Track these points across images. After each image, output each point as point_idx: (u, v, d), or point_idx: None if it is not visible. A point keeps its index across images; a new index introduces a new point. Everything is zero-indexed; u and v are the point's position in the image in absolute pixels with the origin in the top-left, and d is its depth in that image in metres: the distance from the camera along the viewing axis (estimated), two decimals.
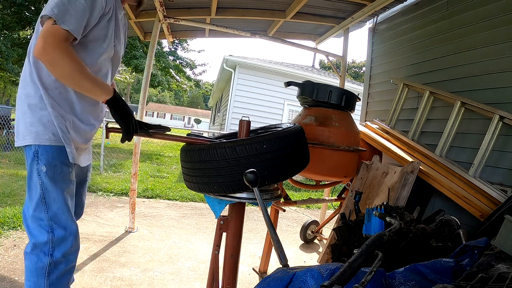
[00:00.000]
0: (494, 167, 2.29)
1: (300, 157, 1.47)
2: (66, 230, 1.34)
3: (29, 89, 1.29)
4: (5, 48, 11.92)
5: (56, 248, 1.31)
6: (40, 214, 1.30)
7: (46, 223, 1.30)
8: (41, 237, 1.29)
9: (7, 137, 7.65)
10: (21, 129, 1.30)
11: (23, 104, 1.29)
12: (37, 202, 1.30)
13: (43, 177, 1.29)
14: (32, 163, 1.29)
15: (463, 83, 2.66)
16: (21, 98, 1.31)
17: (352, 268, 0.67)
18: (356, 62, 32.07)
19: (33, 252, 1.30)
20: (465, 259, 1.17)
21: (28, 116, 1.28)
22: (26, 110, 1.28)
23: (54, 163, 1.31)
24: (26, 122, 1.28)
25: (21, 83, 1.32)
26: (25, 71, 1.31)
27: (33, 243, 1.30)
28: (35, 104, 1.28)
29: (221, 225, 1.50)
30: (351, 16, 3.61)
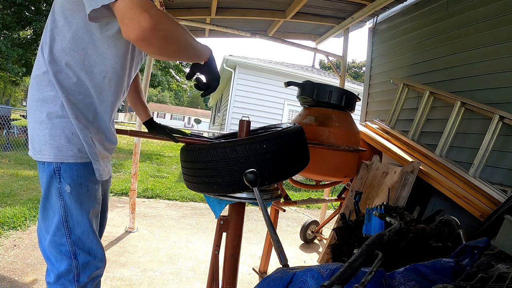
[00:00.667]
0: (494, 167, 2.29)
1: (300, 157, 1.47)
2: (90, 254, 1.20)
3: (46, 94, 1.10)
4: (5, 48, 11.92)
5: (81, 274, 1.18)
6: (61, 239, 1.13)
7: (68, 248, 1.15)
8: (63, 265, 1.14)
9: (7, 137, 7.65)
10: (37, 141, 1.11)
11: (39, 112, 1.10)
12: (58, 225, 1.13)
13: (66, 198, 1.12)
14: (51, 181, 1.11)
15: (463, 83, 2.66)
16: (36, 103, 1.11)
17: (352, 268, 0.67)
18: (356, 62, 32.07)
19: (58, 283, 1.16)
20: (465, 259, 1.17)
21: (47, 127, 1.09)
22: (44, 119, 1.09)
23: (79, 181, 1.14)
24: (45, 133, 1.09)
25: (34, 86, 1.13)
26: (38, 73, 1.13)
27: (56, 274, 1.14)
28: (55, 112, 1.09)
29: (221, 225, 1.50)
30: (351, 16, 3.61)
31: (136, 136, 1.83)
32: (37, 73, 1.13)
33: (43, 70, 1.11)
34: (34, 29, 14.15)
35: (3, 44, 11.94)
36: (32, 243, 2.64)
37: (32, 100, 1.12)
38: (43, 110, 1.10)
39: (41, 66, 1.12)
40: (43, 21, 12.63)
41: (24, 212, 3.21)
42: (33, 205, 3.49)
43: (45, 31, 1.13)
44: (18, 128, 8.58)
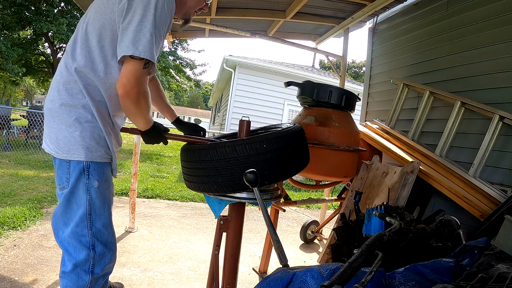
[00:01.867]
0: (494, 167, 2.29)
1: (300, 157, 1.47)
2: (106, 246, 1.32)
3: (77, 101, 1.24)
4: (5, 48, 11.93)
5: (97, 265, 1.29)
6: (83, 230, 1.25)
7: (88, 239, 1.26)
8: (81, 255, 1.25)
9: (7, 137, 7.65)
10: (64, 142, 1.23)
11: (68, 116, 1.23)
12: (81, 217, 1.25)
13: (92, 193, 1.25)
14: (80, 177, 1.24)
15: (463, 83, 2.66)
16: (63, 108, 1.23)
17: (352, 268, 0.67)
18: (356, 62, 32.06)
19: (74, 272, 1.26)
20: (465, 259, 1.17)
21: (77, 129, 1.23)
22: (73, 123, 1.23)
23: (104, 178, 1.30)
24: (75, 135, 1.22)
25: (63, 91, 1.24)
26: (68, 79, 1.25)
27: (74, 263, 1.25)
28: (85, 117, 1.24)
29: (221, 225, 1.50)
30: (351, 16, 3.61)
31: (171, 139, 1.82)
32: (67, 79, 1.25)
33: (72, 79, 1.24)
34: (34, 29, 14.15)
35: (3, 44, 11.94)
36: (32, 243, 2.64)
37: (59, 104, 1.25)
38: (72, 115, 1.23)
39: (71, 75, 1.25)
40: (43, 21, 12.63)
41: (24, 212, 3.21)
42: (33, 205, 3.49)
43: (74, 42, 1.26)
44: (18, 128, 8.58)
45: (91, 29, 1.24)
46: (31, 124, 7.91)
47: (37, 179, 4.91)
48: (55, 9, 13.70)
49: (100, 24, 1.22)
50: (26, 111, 8.47)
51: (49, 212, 3.47)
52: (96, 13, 1.24)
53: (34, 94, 44.69)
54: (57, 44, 16.65)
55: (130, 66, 1.14)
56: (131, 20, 1.13)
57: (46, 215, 3.36)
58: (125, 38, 1.13)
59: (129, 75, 1.13)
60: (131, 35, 1.12)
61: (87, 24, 1.25)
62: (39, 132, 8.08)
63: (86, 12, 1.32)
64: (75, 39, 1.27)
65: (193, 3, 1.45)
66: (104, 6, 1.22)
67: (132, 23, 1.13)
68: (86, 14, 1.31)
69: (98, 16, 1.23)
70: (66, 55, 1.28)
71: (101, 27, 1.22)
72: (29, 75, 18.77)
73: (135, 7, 1.13)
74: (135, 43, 1.11)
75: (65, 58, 1.28)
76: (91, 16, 1.26)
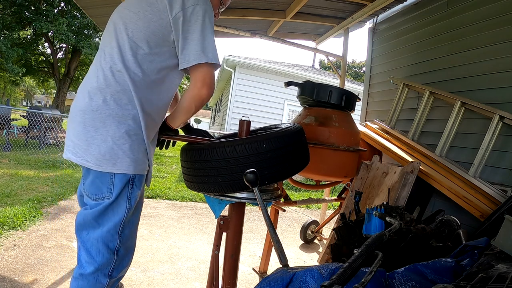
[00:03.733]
0: (494, 167, 2.29)
1: (300, 157, 1.47)
2: (127, 250, 1.32)
3: (126, 112, 1.21)
4: (5, 48, 11.93)
5: (116, 269, 1.28)
6: (114, 236, 1.25)
7: (115, 245, 1.26)
8: (104, 258, 1.24)
9: (7, 137, 7.65)
10: (111, 154, 1.19)
11: (116, 128, 1.19)
12: (115, 224, 1.24)
13: (132, 203, 1.26)
14: (125, 188, 1.23)
15: (463, 83, 2.66)
16: (112, 119, 1.19)
17: (352, 268, 0.67)
18: (356, 62, 32.05)
19: (93, 275, 1.23)
20: (465, 259, 1.17)
21: (127, 142, 1.21)
22: (123, 135, 1.20)
23: (142, 189, 1.35)
24: (124, 148, 1.20)
25: (110, 102, 1.20)
26: (116, 89, 1.21)
27: (96, 267, 1.23)
28: (133, 129, 1.22)
29: (221, 225, 1.50)
30: (351, 16, 3.61)
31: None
32: (115, 89, 1.21)
33: (121, 89, 1.21)
34: (34, 29, 14.15)
35: (3, 44, 11.94)
36: (32, 243, 2.64)
37: (106, 115, 1.20)
38: (122, 127, 1.20)
39: (120, 84, 1.22)
40: (43, 21, 12.63)
41: (24, 212, 3.21)
42: (33, 205, 3.49)
43: (120, 49, 1.23)
44: (18, 128, 8.58)
45: (139, 36, 1.23)
46: (31, 124, 7.91)
47: (37, 179, 4.91)
48: (55, 9, 13.71)
49: (149, 31, 1.23)
50: (26, 111, 8.47)
51: (49, 212, 3.47)
52: (140, 20, 1.23)
53: (34, 94, 44.68)
54: (57, 44, 16.66)
55: (204, 70, 1.23)
56: (193, 29, 1.21)
57: (46, 215, 3.36)
58: (192, 47, 1.21)
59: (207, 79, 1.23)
60: (199, 43, 1.21)
61: (133, 31, 1.23)
62: (39, 132, 8.08)
63: (118, 16, 1.30)
64: (118, 46, 1.23)
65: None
66: (149, 13, 1.23)
67: (195, 32, 1.21)
68: (122, 19, 1.27)
69: (145, 23, 1.23)
70: (109, 62, 1.23)
71: (152, 34, 1.23)
72: (29, 75, 18.78)
73: (192, 16, 1.21)
74: (204, 50, 1.21)
75: (109, 65, 1.22)
76: (132, 22, 1.24)
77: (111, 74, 1.21)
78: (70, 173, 5.66)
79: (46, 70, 18.43)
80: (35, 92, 43.55)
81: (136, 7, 1.26)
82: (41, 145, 7.75)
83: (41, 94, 45.25)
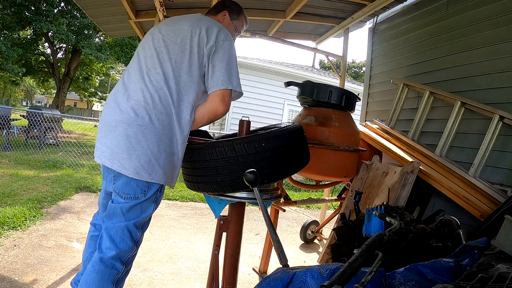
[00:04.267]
0: (494, 167, 2.29)
1: (300, 156, 1.47)
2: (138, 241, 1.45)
3: (165, 132, 1.36)
4: (5, 48, 11.92)
5: (132, 258, 1.42)
6: (138, 228, 1.41)
7: (138, 236, 1.41)
8: (126, 246, 1.37)
9: (7, 137, 7.65)
10: (149, 165, 1.33)
11: (155, 144, 1.33)
12: (141, 220, 1.40)
13: (158, 203, 1.46)
14: (154, 194, 1.40)
15: (463, 83, 2.66)
16: (153, 137, 1.33)
17: (352, 268, 0.67)
18: (356, 62, 32.03)
19: (112, 260, 1.35)
20: (465, 259, 1.16)
21: (162, 157, 1.35)
22: (160, 151, 1.34)
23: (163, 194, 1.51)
24: (160, 162, 1.35)
25: (154, 121, 1.34)
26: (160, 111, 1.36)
27: (117, 252, 1.35)
28: (169, 147, 1.37)
29: (221, 225, 1.50)
30: (351, 16, 3.61)
31: None
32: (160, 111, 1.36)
33: (165, 111, 1.37)
34: (34, 29, 14.15)
35: (3, 44, 11.94)
36: (32, 243, 2.64)
37: (150, 131, 1.33)
38: (161, 144, 1.35)
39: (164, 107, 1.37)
40: (43, 21, 12.62)
41: (24, 212, 3.21)
42: (33, 205, 3.49)
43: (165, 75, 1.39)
44: (18, 128, 8.58)
45: (182, 67, 1.40)
46: (31, 124, 7.91)
47: (37, 179, 4.91)
48: (55, 9, 13.69)
49: (190, 62, 1.41)
50: (26, 111, 8.47)
51: (49, 212, 3.47)
52: (182, 51, 1.41)
53: (34, 94, 44.67)
54: (57, 44, 16.65)
55: (227, 93, 1.41)
56: (222, 59, 1.40)
57: (46, 215, 3.36)
58: (220, 74, 1.39)
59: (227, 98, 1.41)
60: (226, 72, 1.40)
61: (176, 61, 1.41)
62: (39, 132, 8.08)
63: (160, 44, 1.45)
64: (163, 73, 1.39)
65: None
66: (189, 46, 1.41)
67: (223, 62, 1.40)
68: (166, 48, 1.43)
69: (186, 55, 1.41)
70: (157, 86, 1.37)
71: (191, 65, 1.41)
72: (29, 75, 18.76)
73: (222, 48, 1.41)
74: (230, 78, 1.40)
75: (156, 89, 1.37)
76: (175, 52, 1.42)
77: (158, 97, 1.36)
78: (70, 173, 5.66)
79: (46, 70, 18.41)
80: (35, 92, 43.54)
81: (176, 38, 1.44)
82: (41, 145, 7.75)
83: (41, 94, 45.24)
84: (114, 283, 1.35)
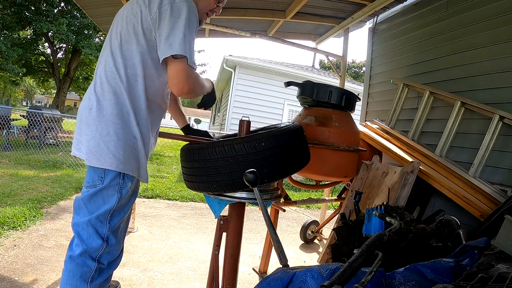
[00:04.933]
0: (494, 167, 2.29)
1: (300, 155, 1.47)
2: (117, 241, 1.38)
3: (115, 112, 1.29)
4: (5, 48, 11.92)
5: (104, 255, 1.34)
6: (102, 223, 1.32)
7: (104, 231, 1.33)
8: (94, 243, 1.31)
9: (7, 137, 7.65)
10: (97, 149, 1.28)
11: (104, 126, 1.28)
12: (105, 212, 1.32)
13: (123, 193, 1.33)
14: (116, 179, 1.31)
15: (463, 83, 2.66)
16: (101, 117, 1.28)
17: (352, 268, 0.67)
18: (356, 62, 32.03)
19: (81, 257, 1.31)
20: (465, 259, 1.16)
21: (112, 140, 1.28)
22: (110, 133, 1.28)
23: (136, 181, 1.40)
24: (110, 145, 1.29)
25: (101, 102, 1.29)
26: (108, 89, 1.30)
27: (84, 249, 1.30)
28: (122, 129, 1.29)
29: (221, 225, 1.50)
30: (351, 16, 3.61)
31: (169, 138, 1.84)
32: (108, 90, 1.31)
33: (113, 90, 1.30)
34: (34, 29, 14.15)
35: (3, 44, 11.93)
36: (32, 243, 2.64)
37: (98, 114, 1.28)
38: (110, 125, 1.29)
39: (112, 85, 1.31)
40: (43, 21, 12.62)
41: (24, 212, 3.21)
42: (33, 205, 3.49)
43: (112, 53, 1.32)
44: (18, 128, 8.58)
45: (127, 37, 1.31)
46: (31, 124, 7.91)
47: (37, 179, 4.91)
48: (55, 9, 13.69)
49: (133, 32, 1.30)
50: (26, 111, 8.47)
51: (49, 212, 3.47)
52: (128, 23, 1.32)
53: (34, 94, 44.68)
54: (57, 44, 16.65)
55: (175, 66, 1.24)
56: (164, 26, 1.25)
57: (46, 215, 3.36)
58: (161, 43, 1.25)
59: (178, 74, 1.24)
60: (168, 40, 1.24)
61: (121, 34, 1.32)
62: (39, 132, 8.08)
63: (116, 22, 1.38)
64: (111, 50, 1.32)
65: (203, 5, 1.49)
66: (134, 10, 1.30)
67: (166, 28, 1.24)
68: (115, 25, 1.37)
69: (129, 23, 1.31)
70: (104, 65, 1.32)
71: (136, 35, 1.30)
72: (29, 75, 18.77)
73: (165, 13, 1.25)
74: (171, 44, 1.22)
75: (104, 68, 1.32)
76: (122, 26, 1.33)
77: (105, 77, 1.31)
78: (70, 173, 5.66)
79: (46, 70, 18.42)
80: (35, 92, 43.54)
81: (124, 12, 1.36)
82: (41, 145, 7.75)
83: (41, 94, 45.24)
84: (88, 280, 1.31)
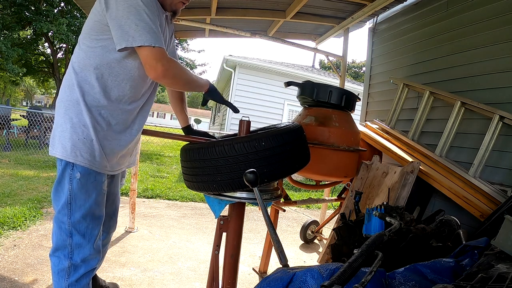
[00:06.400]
0: (494, 167, 2.29)
1: (300, 155, 1.47)
2: (84, 237, 1.35)
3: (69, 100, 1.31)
4: (5, 48, 11.92)
5: (75, 253, 1.34)
6: (63, 218, 1.32)
7: (66, 227, 1.32)
8: (60, 240, 1.32)
9: (7, 137, 7.65)
10: (53, 136, 1.32)
11: (62, 114, 1.30)
12: (62, 205, 1.31)
13: (74, 184, 1.30)
14: (66, 167, 1.30)
15: (463, 83, 2.66)
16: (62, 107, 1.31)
17: (352, 268, 0.67)
18: (356, 62, 32.02)
19: (55, 254, 1.34)
20: (465, 259, 1.16)
21: (67, 129, 1.29)
22: (65, 122, 1.29)
23: (88, 171, 1.33)
24: (64, 134, 1.29)
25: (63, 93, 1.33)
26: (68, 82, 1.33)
27: (55, 246, 1.33)
28: (77, 117, 1.29)
29: (221, 225, 1.50)
30: (351, 16, 3.60)
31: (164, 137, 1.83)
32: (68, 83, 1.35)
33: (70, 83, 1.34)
34: (34, 29, 14.14)
35: (3, 44, 11.93)
36: (32, 243, 2.64)
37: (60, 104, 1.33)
38: (66, 114, 1.32)
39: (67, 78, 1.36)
40: (43, 21, 12.62)
41: (24, 212, 3.21)
42: (33, 205, 3.49)
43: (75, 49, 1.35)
44: (18, 128, 8.58)
45: (86, 30, 1.33)
46: (31, 124, 7.91)
47: (37, 179, 4.91)
48: (55, 9, 13.69)
49: (88, 24, 1.32)
50: (26, 111, 8.47)
51: (49, 212, 3.46)
52: (89, 18, 1.35)
53: (34, 94, 44.67)
54: (57, 44, 16.65)
55: (141, 53, 1.23)
56: (115, 16, 1.21)
57: (46, 215, 3.36)
58: (116, 33, 1.22)
59: (147, 59, 1.22)
60: (120, 29, 1.21)
61: (83, 29, 1.36)
62: (39, 132, 8.08)
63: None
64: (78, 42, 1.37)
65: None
66: (93, 9, 1.32)
67: (116, 18, 1.21)
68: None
69: (88, 18, 1.34)
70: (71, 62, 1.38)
71: (90, 27, 1.31)
72: (29, 75, 18.77)
73: (114, 4, 1.21)
74: (124, 35, 1.20)
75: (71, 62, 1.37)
76: (87, 21, 1.36)
77: (70, 69, 1.35)
78: None
79: (46, 70, 18.42)
80: (35, 92, 43.53)
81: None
82: (41, 145, 7.74)
83: (41, 94, 45.23)
84: (65, 277, 1.33)
